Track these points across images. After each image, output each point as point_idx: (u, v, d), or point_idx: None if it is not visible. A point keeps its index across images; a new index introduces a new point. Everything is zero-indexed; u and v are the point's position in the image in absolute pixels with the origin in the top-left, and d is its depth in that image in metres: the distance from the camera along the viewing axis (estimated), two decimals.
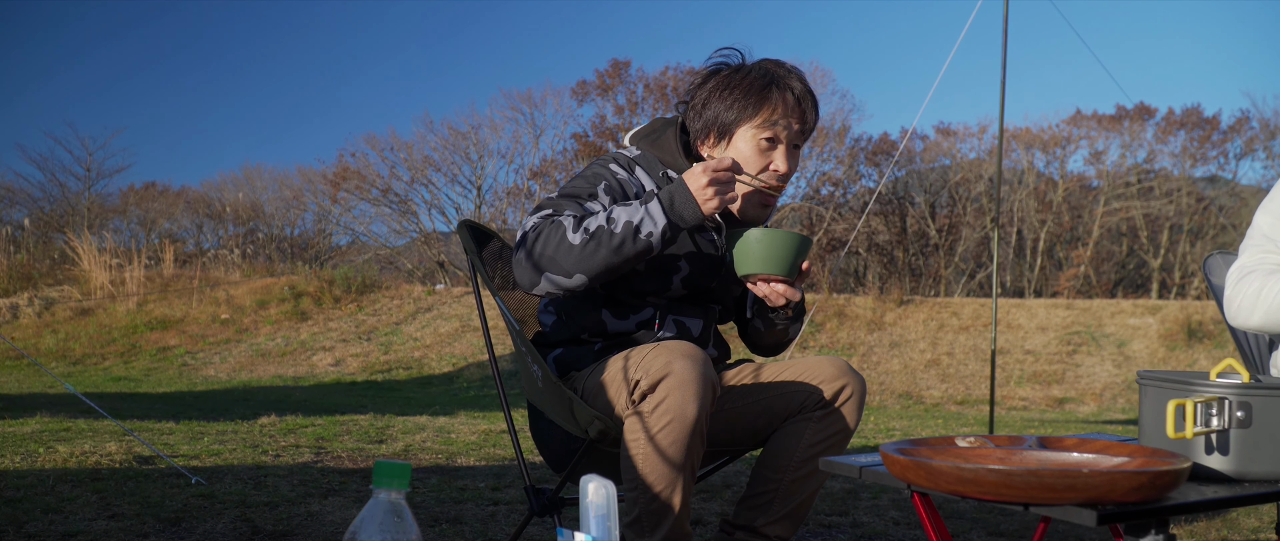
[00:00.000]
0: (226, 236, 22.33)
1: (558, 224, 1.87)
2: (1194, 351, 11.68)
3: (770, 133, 2.01)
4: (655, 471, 1.85)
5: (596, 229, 1.84)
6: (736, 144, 2.03)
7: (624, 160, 2.07)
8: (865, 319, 13.01)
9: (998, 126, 6.53)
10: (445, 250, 21.64)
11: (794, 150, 2.06)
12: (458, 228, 2.26)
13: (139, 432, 4.68)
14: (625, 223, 1.83)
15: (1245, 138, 20.67)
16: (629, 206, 1.86)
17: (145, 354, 11.75)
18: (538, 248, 1.86)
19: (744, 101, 2.01)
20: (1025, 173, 20.85)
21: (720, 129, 2.04)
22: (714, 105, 2.04)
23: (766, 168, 2.03)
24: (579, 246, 1.83)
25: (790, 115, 2.02)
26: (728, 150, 2.04)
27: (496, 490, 3.57)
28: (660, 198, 1.85)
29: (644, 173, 2.06)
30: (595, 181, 1.99)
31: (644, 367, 1.84)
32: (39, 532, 2.72)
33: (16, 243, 15.04)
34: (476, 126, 21.71)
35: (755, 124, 2.01)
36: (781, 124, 2.01)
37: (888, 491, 3.72)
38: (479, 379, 10.78)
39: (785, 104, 2.02)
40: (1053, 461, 1.50)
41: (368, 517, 1.13)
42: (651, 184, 2.05)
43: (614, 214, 1.85)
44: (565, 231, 1.85)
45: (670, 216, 1.84)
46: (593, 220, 1.86)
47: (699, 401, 1.82)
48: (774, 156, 2.03)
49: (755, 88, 2.01)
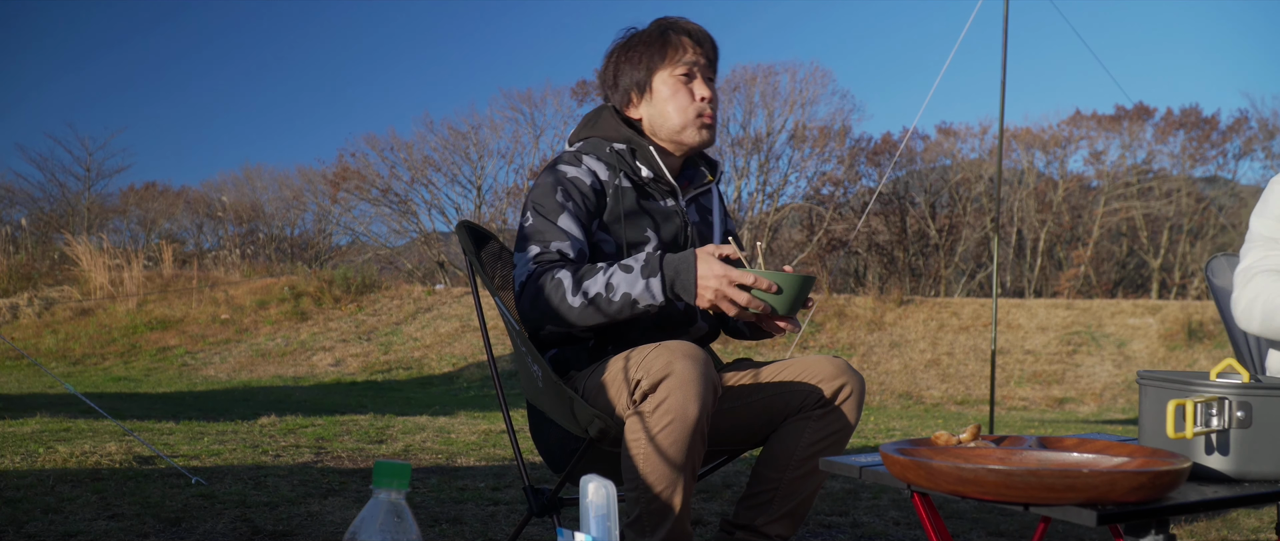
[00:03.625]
0: (226, 236, 22.33)
1: (557, 283, 1.94)
2: (1194, 351, 11.68)
3: (683, 69, 2.14)
4: (656, 471, 1.85)
5: (595, 296, 1.91)
6: (657, 91, 2.14)
7: (569, 156, 2.15)
8: (865, 319, 13.01)
9: (998, 126, 6.53)
10: (445, 250, 21.63)
11: (708, 81, 2.18)
12: (456, 229, 2.26)
13: (139, 432, 4.68)
14: (624, 295, 1.89)
15: (1244, 138, 20.69)
16: (629, 274, 1.91)
17: (145, 354, 11.74)
18: (541, 304, 1.95)
19: (649, 53, 2.15)
20: (1025, 173, 20.85)
21: (639, 86, 2.16)
22: (625, 70, 2.18)
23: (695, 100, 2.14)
24: (578, 310, 1.92)
25: (693, 50, 2.15)
26: (651, 101, 2.15)
27: (496, 490, 3.57)
28: (664, 273, 1.89)
29: (591, 158, 2.13)
30: (553, 191, 2.07)
31: (645, 367, 1.84)
32: (39, 532, 2.72)
33: (16, 243, 15.04)
34: (476, 126, 21.72)
35: (667, 67, 2.14)
36: (689, 58, 2.14)
37: (888, 491, 3.72)
38: (479, 379, 10.78)
39: (686, 41, 2.15)
40: (1053, 461, 1.50)
41: (368, 517, 1.13)
42: (603, 170, 2.12)
43: (613, 281, 1.91)
44: (565, 292, 1.93)
45: (667, 294, 1.90)
46: (592, 284, 1.92)
47: (700, 401, 1.83)
48: (695, 86, 2.15)
49: (654, 39, 2.16)
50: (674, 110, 2.13)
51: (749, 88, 20.57)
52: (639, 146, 2.14)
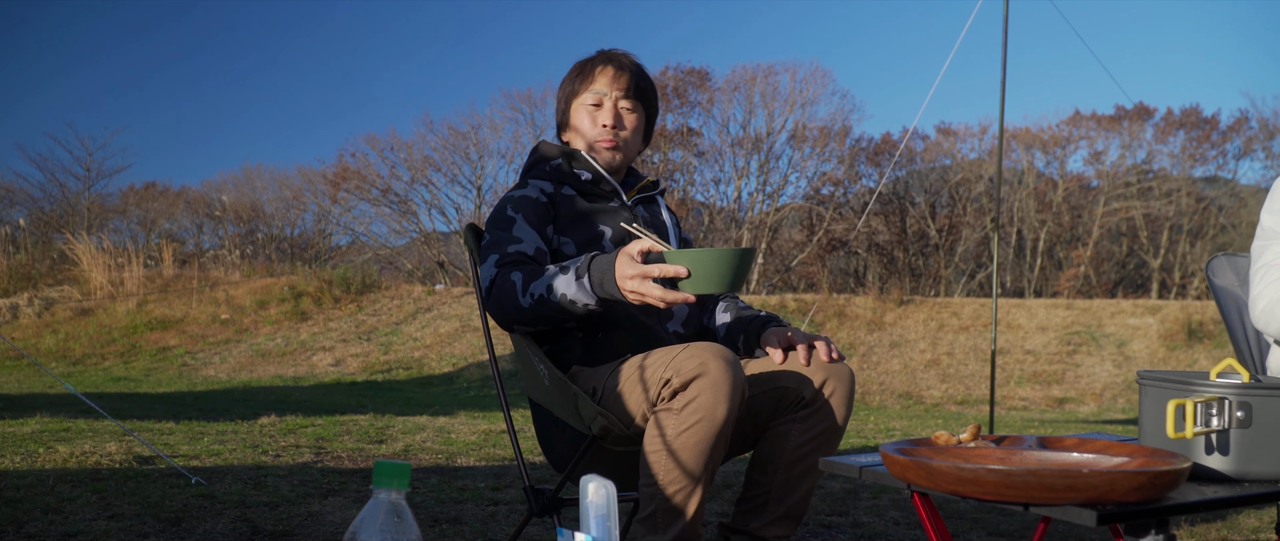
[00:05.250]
0: (226, 236, 22.33)
1: (511, 284, 2.03)
2: (1194, 351, 11.68)
3: (594, 98, 2.29)
4: (677, 469, 1.86)
5: (539, 297, 1.98)
6: (573, 115, 2.32)
7: (515, 187, 2.28)
8: (865, 319, 13.01)
9: (998, 126, 6.53)
10: (445, 250, 21.63)
11: (624, 110, 2.30)
12: (464, 230, 2.30)
13: (139, 432, 4.68)
14: (562, 295, 1.96)
15: (1244, 138, 20.70)
16: (567, 275, 1.97)
17: (145, 354, 11.74)
18: (502, 304, 2.04)
19: (569, 82, 2.33)
20: (1025, 173, 20.85)
21: (562, 112, 2.35)
22: (558, 97, 2.37)
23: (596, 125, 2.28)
24: (528, 310, 2.00)
25: (608, 80, 2.29)
26: (571, 125, 2.32)
27: (496, 490, 3.57)
28: (591, 275, 1.94)
29: (535, 181, 2.27)
30: (504, 209, 2.18)
31: (675, 366, 1.86)
32: (39, 532, 2.72)
33: (16, 243, 15.04)
34: (476, 126, 21.69)
35: (581, 94, 2.31)
36: (599, 88, 2.29)
37: (888, 491, 3.72)
38: (479, 379, 10.77)
39: (600, 72, 2.30)
40: (1053, 461, 1.50)
41: (368, 517, 1.13)
42: (547, 185, 2.25)
43: (554, 284, 1.97)
44: (516, 294, 2.01)
45: (599, 293, 1.94)
46: (537, 285, 1.99)
47: (729, 403, 1.84)
48: (600, 114, 2.28)
49: (576, 71, 2.33)
50: (581, 133, 2.30)
51: (749, 88, 20.59)
52: (575, 155, 2.28)
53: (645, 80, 2.35)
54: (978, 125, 24.46)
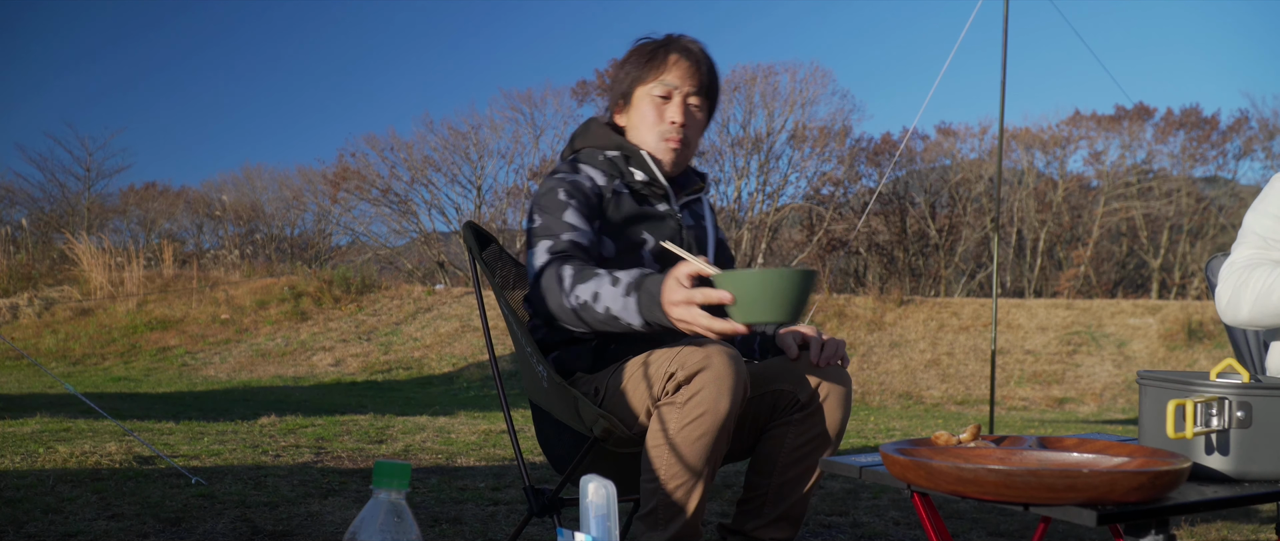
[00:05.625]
0: (226, 236, 22.33)
1: (558, 278, 1.94)
2: (1194, 351, 11.68)
3: (663, 90, 2.15)
4: (678, 464, 1.85)
5: (583, 303, 1.90)
6: (636, 104, 2.18)
7: (565, 166, 2.18)
8: (865, 319, 13.01)
9: (998, 126, 6.53)
10: (445, 250, 21.63)
11: (691, 107, 2.19)
12: (463, 228, 2.27)
13: (139, 432, 4.67)
14: (606, 309, 1.86)
15: (1244, 138, 20.68)
16: (616, 288, 1.86)
17: (145, 354, 11.74)
18: (545, 301, 1.97)
19: (637, 65, 2.18)
20: (1025, 173, 20.85)
21: (623, 96, 2.21)
22: (618, 76, 2.23)
23: (663, 120, 2.16)
24: (568, 312, 1.93)
25: (679, 72, 2.16)
26: (631, 111, 2.19)
27: (496, 490, 3.57)
28: (640, 296, 1.83)
29: (587, 166, 2.16)
30: (556, 191, 2.09)
31: (680, 360, 1.85)
32: (39, 532, 2.72)
33: (16, 243, 15.04)
34: (476, 126, 21.70)
35: (648, 83, 2.17)
36: (671, 79, 2.15)
37: (888, 491, 3.71)
38: (479, 379, 10.77)
39: (672, 62, 2.16)
40: (1053, 461, 1.50)
41: (368, 517, 1.13)
42: (599, 176, 2.14)
43: (601, 293, 1.87)
44: (562, 292, 1.93)
45: (646, 316, 1.84)
46: (583, 288, 1.90)
47: (732, 397, 1.83)
48: (667, 109, 2.16)
49: (647, 52, 2.18)
50: (645, 127, 2.17)
51: (749, 88, 20.57)
52: (631, 152, 2.17)
53: (716, 76, 2.24)
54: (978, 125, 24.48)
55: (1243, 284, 2.05)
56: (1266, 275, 2.02)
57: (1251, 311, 2.04)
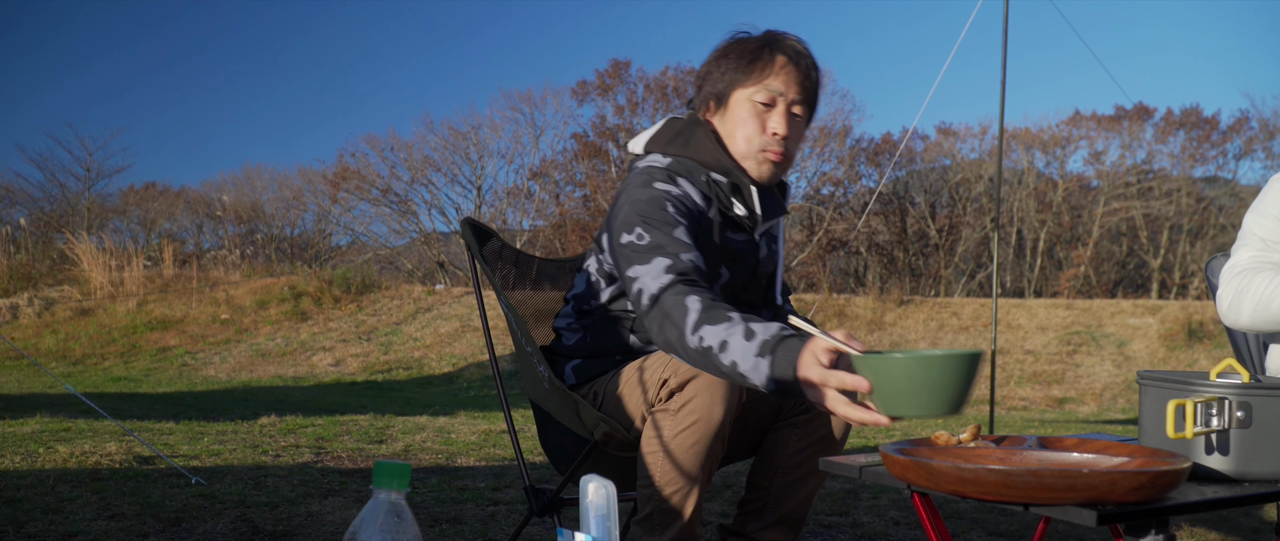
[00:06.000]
0: (226, 236, 22.33)
1: (685, 309, 1.72)
2: (1194, 351, 11.68)
3: (766, 96, 1.96)
4: (673, 471, 1.84)
5: (708, 348, 1.68)
6: (733, 110, 1.98)
7: (662, 175, 1.96)
8: (865, 319, 13.01)
9: (998, 126, 6.53)
10: (445, 250, 21.63)
11: (794, 116, 2.00)
12: (461, 225, 2.25)
13: (139, 432, 4.67)
14: (732, 364, 1.65)
15: (1244, 138, 20.69)
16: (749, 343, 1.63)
17: (145, 354, 11.74)
18: (666, 325, 1.75)
19: (737, 66, 1.98)
20: (1025, 173, 20.85)
21: (717, 96, 2.01)
22: (713, 74, 2.02)
23: (765, 132, 1.98)
24: (690, 352, 1.71)
25: (785, 78, 1.97)
26: (725, 117, 2.00)
27: (496, 490, 3.57)
28: (774, 364, 1.60)
29: (686, 181, 1.97)
30: (663, 205, 1.89)
31: (673, 367, 1.82)
32: (39, 532, 2.72)
33: (16, 243, 15.04)
34: (476, 126, 21.70)
35: (749, 87, 1.97)
36: (776, 85, 1.96)
37: (888, 491, 3.71)
38: (479, 379, 10.77)
39: (778, 66, 1.97)
40: (1053, 461, 1.50)
41: (368, 517, 1.13)
42: (697, 194, 1.96)
43: (730, 343, 1.65)
44: (685, 327, 1.71)
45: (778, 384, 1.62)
46: (711, 332, 1.67)
47: (726, 405, 1.80)
48: (770, 118, 1.97)
49: (749, 52, 1.99)
50: (741, 137, 1.97)
51: None
52: (740, 183, 1.98)
53: (820, 81, 2.04)
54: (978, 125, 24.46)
55: (1244, 289, 2.06)
56: (1268, 281, 2.02)
57: (1252, 317, 2.05)
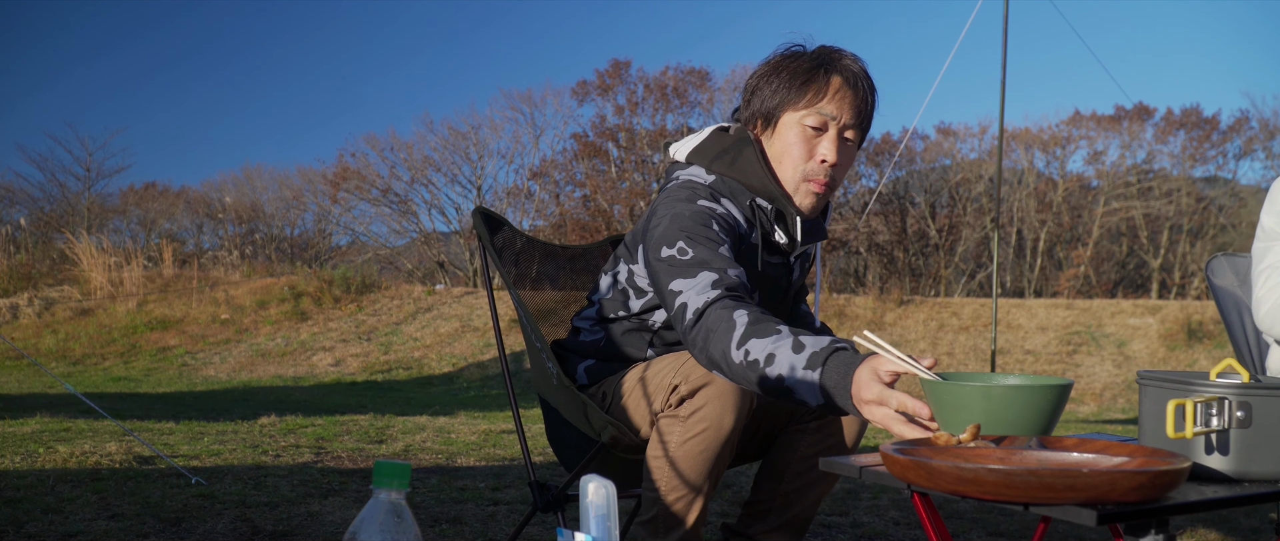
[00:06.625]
0: (226, 236, 22.33)
1: (731, 324, 1.65)
2: (1194, 351, 11.68)
3: (817, 120, 1.86)
4: (680, 477, 1.82)
5: (753, 362, 1.61)
6: (781, 132, 1.89)
7: (706, 192, 1.89)
8: (865, 319, 13.01)
9: (998, 126, 6.54)
10: (445, 250, 21.64)
11: (845, 141, 1.90)
12: (473, 215, 2.22)
13: (139, 432, 4.67)
14: (779, 377, 1.58)
15: (1245, 138, 20.69)
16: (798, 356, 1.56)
17: (145, 354, 11.74)
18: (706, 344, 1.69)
19: (789, 85, 1.88)
20: (1025, 173, 20.85)
21: (766, 115, 1.91)
22: (763, 91, 1.92)
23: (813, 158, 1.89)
24: (736, 367, 1.64)
25: (839, 101, 1.87)
26: (773, 138, 1.91)
27: (496, 490, 3.57)
28: (825, 376, 1.54)
29: (729, 202, 1.90)
30: (707, 222, 1.82)
31: (684, 373, 1.80)
32: (39, 532, 2.72)
33: (16, 243, 15.04)
34: (476, 126, 21.70)
35: (800, 109, 1.87)
36: (829, 109, 1.87)
37: (888, 491, 3.72)
38: (479, 379, 10.77)
39: (832, 89, 1.87)
40: (1053, 461, 1.50)
41: (368, 517, 1.13)
42: (739, 215, 1.90)
43: (778, 356, 1.58)
44: (731, 341, 1.63)
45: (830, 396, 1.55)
46: (758, 346, 1.60)
47: (736, 413, 1.79)
48: (820, 144, 1.88)
49: (802, 71, 1.88)
50: (788, 163, 1.88)
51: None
52: (786, 212, 1.91)
53: (874, 102, 1.93)
54: (978, 125, 24.48)
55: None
56: None
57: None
